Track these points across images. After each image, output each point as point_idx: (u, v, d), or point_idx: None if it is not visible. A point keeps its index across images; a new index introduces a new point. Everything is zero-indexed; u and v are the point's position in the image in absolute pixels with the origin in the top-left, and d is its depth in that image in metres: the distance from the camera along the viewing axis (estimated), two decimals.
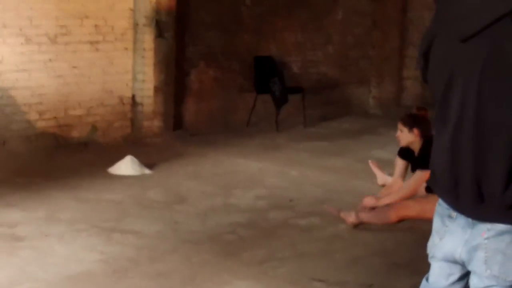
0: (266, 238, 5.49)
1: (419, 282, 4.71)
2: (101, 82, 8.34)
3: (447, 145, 2.62)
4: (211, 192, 6.66)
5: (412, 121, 6.08)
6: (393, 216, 5.81)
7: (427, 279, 2.87)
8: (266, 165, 7.73)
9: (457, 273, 2.76)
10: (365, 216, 5.80)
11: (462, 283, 2.79)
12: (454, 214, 2.66)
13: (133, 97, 8.67)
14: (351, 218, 5.75)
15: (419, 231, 5.66)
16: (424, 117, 6.17)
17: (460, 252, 2.59)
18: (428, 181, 2.85)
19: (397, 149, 8.78)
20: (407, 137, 6.09)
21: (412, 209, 5.86)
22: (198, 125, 9.44)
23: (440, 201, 2.75)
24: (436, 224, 2.77)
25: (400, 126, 6.12)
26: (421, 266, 5.02)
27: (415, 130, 6.03)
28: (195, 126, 9.40)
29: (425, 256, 5.15)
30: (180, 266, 4.87)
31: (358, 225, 5.75)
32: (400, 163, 6.27)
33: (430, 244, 2.80)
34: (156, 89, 8.68)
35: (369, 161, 7.15)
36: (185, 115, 9.36)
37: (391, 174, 6.85)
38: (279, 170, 7.54)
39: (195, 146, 8.56)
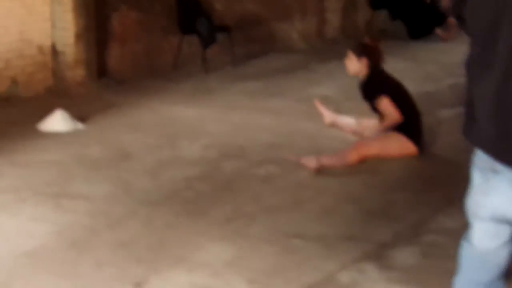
0: (227, 192, 5.09)
1: (399, 230, 4.46)
2: (19, 32, 7.64)
3: (492, 93, 2.27)
4: (155, 144, 6.18)
5: (361, 50, 5.79)
6: (354, 156, 5.52)
7: (469, 241, 2.50)
8: (205, 111, 7.28)
9: (504, 234, 2.43)
10: (326, 160, 5.48)
11: (510, 246, 2.47)
12: (498, 167, 2.32)
13: (54, 45, 7.99)
14: (312, 163, 5.41)
15: (383, 172, 5.41)
16: (375, 47, 5.84)
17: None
18: (463, 131, 2.49)
19: (333, 84, 8.52)
20: (355, 65, 5.80)
21: (373, 148, 5.60)
22: (123, 71, 8.85)
23: (480, 153, 2.41)
24: (477, 179, 2.44)
25: (349, 53, 5.84)
26: (396, 212, 4.77)
27: (364, 59, 5.72)
28: (119, 73, 8.81)
29: (396, 200, 4.92)
30: (143, 232, 4.43)
31: (320, 171, 5.40)
32: None
33: (471, 202, 2.45)
34: (77, 36, 8.02)
35: (315, 100, 6.78)
36: (109, 62, 8.76)
37: (336, 112, 6.56)
38: (219, 116, 7.11)
39: (124, 94, 8.01)
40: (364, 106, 6.43)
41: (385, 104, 5.59)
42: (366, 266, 3.96)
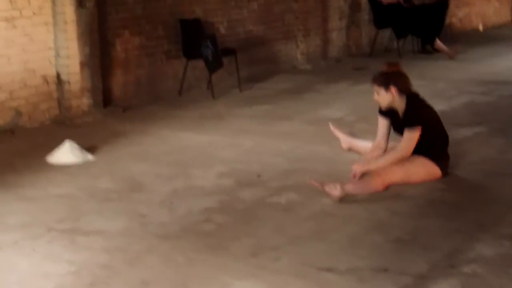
0: (248, 223, 4.83)
1: (435, 261, 4.20)
2: (21, 61, 7.41)
3: None
4: (167, 174, 5.93)
5: (386, 80, 5.51)
6: (379, 183, 5.28)
7: None
8: (215, 138, 7.04)
9: None
10: (350, 188, 5.23)
11: None
12: None
13: (58, 75, 7.77)
14: (336, 191, 5.16)
15: (408, 198, 5.17)
16: (398, 72, 5.58)
17: None
18: None
19: (343, 106, 8.29)
20: (386, 98, 5.54)
21: (397, 174, 5.36)
22: (127, 98, 8.65)
23: None
24: None
25: (375, 88, 5.54)
26: (428, 241, 4.51)
27: (392, 89, 5.46)
28: (124, 100, 8.60)
29: (426, 227, 4.67)
30: (163, 269, 4.16)
31: (343, 198, 5.15)
32: (382, 123, 5.72)
33: None
34: (82, 64, 7.83)
35: (330, 124, 6.55)
36: (114, 89, 8.54)
37: (351, 134, 6.33)
38: (230, 142, 6.87)
39: (131, 122, 7.78)
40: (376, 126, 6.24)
41: (412, 139, 5.34)
42: None
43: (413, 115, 5.40)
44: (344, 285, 3.91)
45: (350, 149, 6.27)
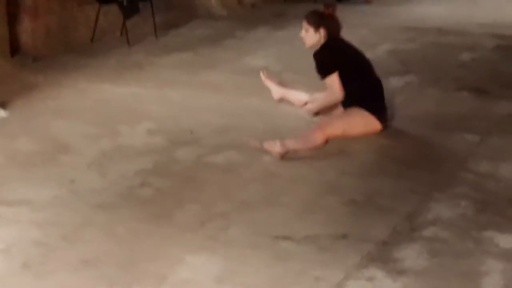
0: (189, 187, 4.45)
1: (394, 224, 3.93)
2: None
3: None
4: (92, 132, 5.45)
5: (319, 20, 5.19)
6: (319, 137, 4.99)
7: None
8: (138, 90, 6.56)
9: None
10: (291, 143, 4.91)
11: None
12: None
13: None
14: (276, 147, 4.83)
15: (353, 155, 4.93)
16: (332, 15, 5.25)
17: None
18: None
19: (266, 54, 7.91)
20: (313, 38, 5.23)
21: (337, 127, 5.09)
22: (37, 47, 7.97)
23: None
24: None
25: (305, 25, 5.25)
26: (384, 203, 4.24)
27: (322, 30, 5.14)
28: (34, 49, 7.92)
29: (379, 188, 4.39)
30: (104, 244, 3.76)
31: (285, 155, 4.82)
32: None
33: None
34: None
35: (261, 74, 6.18)
36: (22, 38, 7.86)
37: (281, 84, 6.00)
38: (155, 94, 6.41)
39: (43, 73, 7.17)
40: (307, 76, 5.93)
41: (332, 80, 5.06)
42: (374, 273, 3.43)
43: (325, 57, 5.18)
44: (304, 255, 3.62)
45: (282, 100, 5.93)
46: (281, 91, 5.99)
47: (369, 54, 7.25)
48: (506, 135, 5.21)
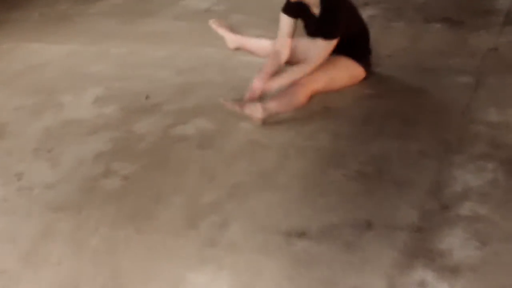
0: (163, 171, 3.61)
1: (418, 201, 3.19)
2: None
3: None
4: (30, 105, 4.50)
5: None
6: (303, 95, 4.18)
7: None
8: (73, 46, 5.57)
9: None
10: (273, 105, 4.09)
11: None
12: None
13: None
14: (257, 112, 3.99)
15: (341, 112, 4.16)
16: None
17: None
18: None
19: None
20: None
21: (321, 81, 4.29)
22: None
23: None
24: None
25: None
26: (395, 172, 3.48)
27: None
28: None
29: (383, 153, 3.63)
30: (79, 265, 2.90)
31: (266, 120, 4.01)
32: (285, 23, 4.44)
33: None
34: None
35: (210, 21, 5.31)
36: None
37: (232, 29, 5.16)
38: (94, 51, 5.44)
39: None
40: (256, 17, 5.11)
41: (329, 46, 4.19)
42: (423, 275, 2.70)
43: (333, 20, 4.20)
44: (329, 257, 2.87)
45: (239, 49, 5.08)
46: (237, 39, 5.14)
47: None
48: (500, 74, 4.51)
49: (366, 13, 5.82)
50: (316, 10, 4.26)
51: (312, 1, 4.24)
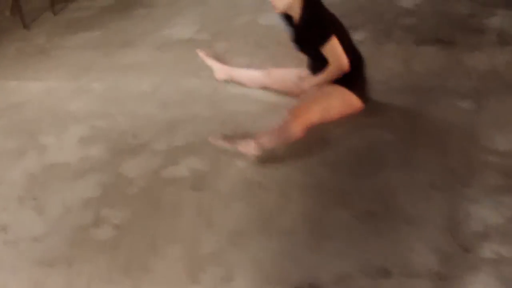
0: (157, 218, 3.36)
1: (436, 243, 2.94)
2: None
3: None
4: (10, 148, 4.24)
5: None
6: (298, 128, 3.94)
7: None
8: (51, 83, 5.32)
9: None
10: (267, 140, 3.85)
11: None
12: None
13: None
14: (251, 149, 3.76)
15: (338, 142, 3.92)
16: None
17: None
18: None
19: (186, 21, 6.74)
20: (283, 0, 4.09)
21: (315, 112, 4.05)
22: None
23: None
24: None
25: None
26: (405, 209, 3.25)
27: None
28: None
29: (389, 187, 3.40)
30: None
31: (261, 156, 3.78)
32: None
33: None
34: None
35: (197, 50, 5.08)
36: None
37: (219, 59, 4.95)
38: (73, 86, 5.18)
39: None
40: (241, 43, 4.90)
41: (334, 45, 3.99)
42: None
43: (315, 24, 4.02)
44: None
45: (227, 80, 4.86)
46: (226, 70, 4.92)
47: None
48: (500, 96, 4.31)
49: (354, 37, 5.63)
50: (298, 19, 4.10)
51: (295, 14, 4.06)
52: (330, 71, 4.06)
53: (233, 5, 6.65)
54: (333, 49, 3.96)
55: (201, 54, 5.05)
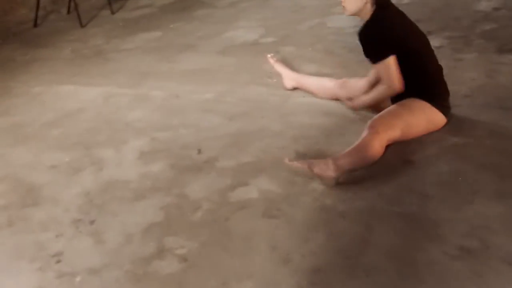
0: (228, 251, 3.00)
1: None
2: None
3: None
4: (65, 163, 3.95)
5: None
6: (378, 145, 3.54)
7: None
8: (109, 89, 5.02)
9: None
10: (345, 162, 3.46)
11: None
12: None
13: None
14: (329, 170, 3.39)
15: (426, 165, 3.50)
16: None
17: None
18: None
19: (251, 23, 6.40)
20: (355, 3, 3.69)
21: (396, 128, 3.66)
22: None
23: None
24: None
25: None
26: (508, 249, 2.85)
27: None
28: None
29: (487, 220, 2.90)
30: None
31: (339, 178, 3.41)
32: None
33: None
34: None
35: (268, 57, 4.74)
36: None
37: (293, 68, 4.61)
38: (133, 93, 4.88)
39: None
40: (310, 49, 4.54)
41: (389, 65, 3.61)
42: None
43: (376, 34, 3.64)
44: None
45: (296, 88, 4.51)
46: (297, 78, 4.56)
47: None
48: None
49: (432, 42, 5.22)
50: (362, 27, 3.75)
51: (363, 17, 3.70)
52: (379, 92, 3.76)
53: (299, 7, 6.28)
54: (387, 69, 3.61)
55: (271, 59, 4.70)
